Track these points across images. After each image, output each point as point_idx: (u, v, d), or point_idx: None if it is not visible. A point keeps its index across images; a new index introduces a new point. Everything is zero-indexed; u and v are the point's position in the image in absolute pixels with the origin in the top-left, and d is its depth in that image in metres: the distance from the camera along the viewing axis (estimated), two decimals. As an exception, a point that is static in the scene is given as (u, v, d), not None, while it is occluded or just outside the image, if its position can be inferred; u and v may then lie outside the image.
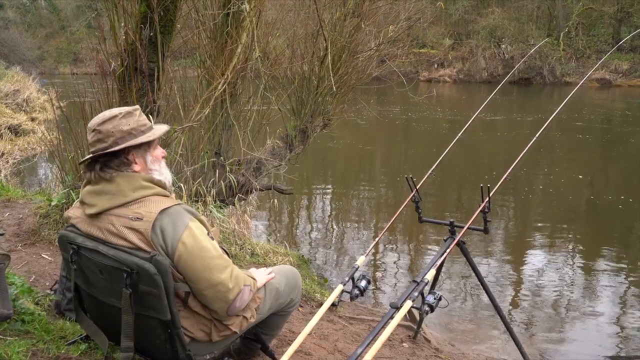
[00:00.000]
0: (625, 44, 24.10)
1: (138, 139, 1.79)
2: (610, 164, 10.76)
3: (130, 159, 1.79)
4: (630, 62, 25.59)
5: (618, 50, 23.69)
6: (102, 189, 1.76)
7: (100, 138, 1.75)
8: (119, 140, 1.75)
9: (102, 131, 1.75)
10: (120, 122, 1.76)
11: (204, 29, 4.52)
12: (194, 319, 1.82)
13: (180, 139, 4.21)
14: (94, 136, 1.76)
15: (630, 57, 25.67)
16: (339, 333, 3.26)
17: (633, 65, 25.50)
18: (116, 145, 1.75)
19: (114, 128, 1.75)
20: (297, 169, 6.23)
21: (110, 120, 1.76)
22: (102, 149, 1.75)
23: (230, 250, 4.05)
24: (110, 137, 1.75)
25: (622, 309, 4.74)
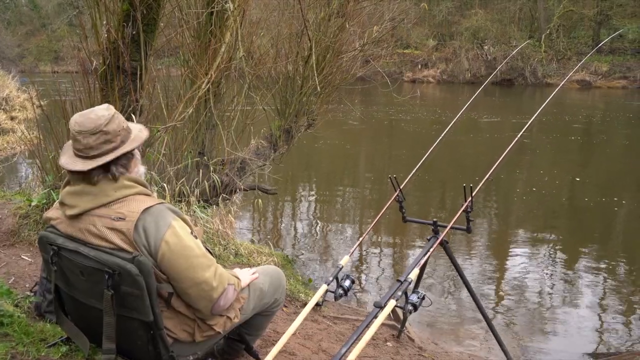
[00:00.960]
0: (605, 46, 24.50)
1: (142, 134, 1.80)
2: (591, 164, 10.93)
3: (134, 154, 1.79)
4: (609, 64, 26.03)
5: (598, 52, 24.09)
6: (82, 189, 1.73)
7: (108, 139, 1.70)
8: (124, 138, 1.74)
9: (110, 132, 1.71)
10: (120, 120, 1.76)
11: (188, 27, 4.49)
12: (177, 320, 1.80)
13: (164, 139, 4.18)
14: (99, 138, 1.69)
15: (610, 59, 26.11)
16: (323, 333, 3.26)
17: (612, 67, 25.94)
18: (123, 143, 1.74)
19: (118, 126, 1.73)
20: (281, 169, 6.22)
21: (113, 120, 1.72)
22: (112, 149, 1.71)
23: (214, 250, 4.03)
24: (118, 136, 1.73)
25: (602, 307, 4.82)
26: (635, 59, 25.87)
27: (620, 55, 26.19)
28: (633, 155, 11.67)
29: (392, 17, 6.43)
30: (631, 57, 25.99)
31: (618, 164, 10.99)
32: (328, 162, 11.35)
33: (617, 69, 25.83)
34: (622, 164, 11.02)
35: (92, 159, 1.70)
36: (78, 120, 1.71)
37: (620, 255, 6.02)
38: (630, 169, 10.51)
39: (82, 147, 1.70)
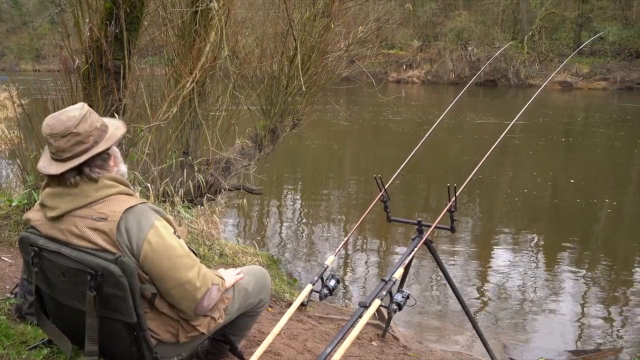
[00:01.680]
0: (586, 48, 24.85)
1: (114, 133, 1.77)
2: (572, 165, 11.09)
3: (110, 154, 1.76)
4: (590, 65, 26.43)
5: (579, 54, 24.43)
6: (63, 190, 1.70)
7: (80, 140, 1.68)
8: (97, 138, 1.71)
9: (81, 133, 1.67)
10: (92, 120, 1.72)
11: (172, 26, 4.46)
12: (160, 321, 1.79)
13: (147, 138, 4.14)
14: (70, 140, 1.67)
15: (590, 61, 26.51)
16: (309, 333, 3.26)
17: (593, 68, 26.34)
18: (96, 144, 1.70)
19: (90, 127, 1.70)
20: (266, 169, 6.21)
21: (84, 120, 1.69)
22: (84, 150, 1.68)
23: (198, 250, 4.01)
24: (90, 137, 1.69)
25: (582, 304, 4.90)
26: (615, 61, 26.31)
27: (600, 57, 26.61)
28: (614, 156, 11.87)
29: (377, 17, 6.45)
30: (611, 59, 26.43)
31: (599, 165, 11.18)
32: (314, 162, 11.35)
33: (597, 70, 26.24)
34: (603, 164, 11.20)
35: (65, 161, 1.68)
36: (49, 122, 1.69)
37: (600, 255, 6.12)
38: (610, 169, 10.69)
39: (55, 150, 1.68)
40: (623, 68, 25.92)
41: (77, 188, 1.70)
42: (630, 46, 26.21)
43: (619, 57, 26.35)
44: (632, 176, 10.30)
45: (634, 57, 26.04)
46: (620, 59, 26.25)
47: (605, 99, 23.47)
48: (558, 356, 3.83)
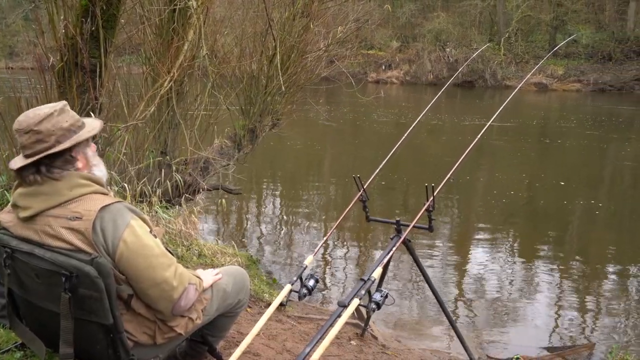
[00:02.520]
0: (560, 51, 25.32)
1: (80, 134, 1.73)
2: (548, 165, 11.29)
3: (74, 156, 1.72)
4: (564, 67, 26.94)
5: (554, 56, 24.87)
6: (36, 190, 1.67)
7: (40, 138, 1.65)
8: (60, 138, 1.68)
9: (42, 131, 1.65)
10: (59, 120, 1.69)
11: (149, 24, 4.41)
12: (137, 322, 1.77)
13: (124, 138, 4.09)
14: (30, 137, 1.65)
15: (565, 63, 27.03)
16: (288, 333, 3.26)
17: (567, 70, 26.86)
18: (59, 144, 1.67)
19: (54, 126, 1.67)
20: (246, 169, 6.18)
21: (48, 119, 1.67)
22: (44, 149, 1.65)
23: (176, 251, 3.97)
24: (52, 135, 1.66)
25: (558, 302, 5.00)
26: (589, 63, 26.88)
27: (574, 60, 27.16)
28: (588, 156, 12.12)
29: (357, 18, 6.48)
30: (585, 61, 26.99)
31: (574, 165, 11.41)
32: (293, 162, 11.34)
33: (571, 72, 26.76)
34: (577, 164, 11.44)
35: (26, 158, 1.67)
36: (19, 118, 1.69)
37: (574, 253, 6.25)
38: (585, 169, 10.93)
39: (20, 145, 1.68)
40: (596, 70, 26.50)
41: (50, 186, 1.67)
42: (603, 49, 26.81)
43: (592, 59, 26.93)
44: (606, 176, 10.55)
45: (607, 60, 26.64)
46: (593, 62, 26.83)
47: (579, 100, 23.97)
48: (533, 353, 3.90)
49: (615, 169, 11.25)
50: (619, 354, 3.48)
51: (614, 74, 26.18)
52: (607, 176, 10.63)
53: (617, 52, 26.49)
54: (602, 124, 16.31)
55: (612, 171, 11.06)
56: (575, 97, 24.74)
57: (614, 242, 6.75)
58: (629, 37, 26.65)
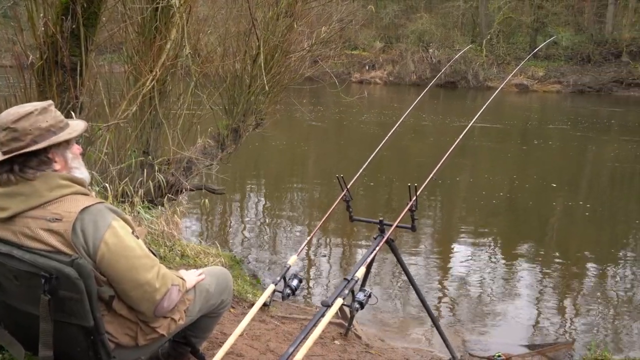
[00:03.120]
0: (541, 52, 25.67)
1: (59, 136, 1.69)
2: (529, 165, 11.45)
3: (51, 158, 1.68)
4: (545, 69, 27.32)
5: (534, 57, 25.21)
6: (14, 190, 1.64)
7: (15, 137, 1.62)
8: (37, 138, 1.65)
9: (18, 129, 1.62)
10: (38, 119, 1.66)
11: (131, 23, 4.36)
12: (118, 323, 1.75)
13: (106, 137, 4.04)
14: (7, 135, 1.62)
15: (545, 65, 27.41)
16: (271, 333, 3.25)
17: (548, 72, 27.24)
18: (35, 143, 1.64)
19: (32, 126, 1.64)
20: (229, 169, 6.15)
21: (27, 118, 1.64)
22: (19, 148, 1.62)
23: (159, 251, 3.94)
24: (28, 135, 1.63)
25: (538, 300, 5.07)
26: (568, 65, 27.30)
27: (554, 61, 27.55)
28: (567, 157, 12.32)
29: (340, 18, 6.49)
30: (565, 63, 27.40)
31: (554, 165, 11.57)
32: (277, 162, 11.32)
33: (552, 73, 27.15)
34: (557, 165, 11.61)
35: (3, 155, 1.64)
36: (2, 114, 1.66)
37: (554, 252, 6.34)
38: (565, 170, 11.09)
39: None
40: (575, 72, 26.93)
41: (29, 187, 1.64)
42: (582, 51, 27.24)
43: (571, 61, 27.35)
44: (585, 176, 10.73)
45: (586, 62, 27.08)
46: (572, 63, 27.26)
47: (559, 101, 24.33)
48: (515, 350, 3.95)
49: (594, 169, 11.44)
50: (597, 351, 3.54)
51: (593, 75, 26.64)
52: (587, 176, 10.81)
53: (596, 54, 26.95)
54: (582, 124, 16.58)
55: (591, 171, 11.25)
56: (555, 98, 25.11)
57: (593, 241, 6.87)
58: (607, 39, 27.13)
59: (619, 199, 9.20)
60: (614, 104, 22.77)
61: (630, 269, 5.90)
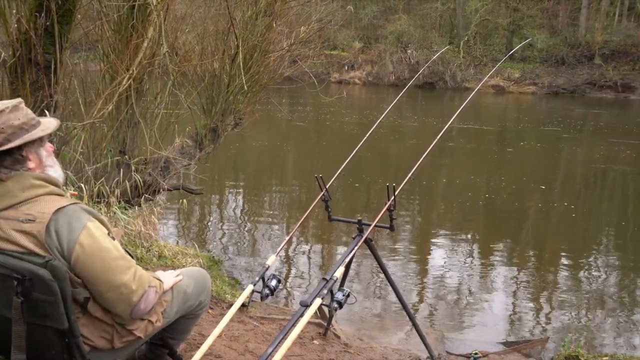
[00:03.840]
0: (517, 54, 26.09)
1: (32, 133, 1.65)
2: (505, 166, 11.62)
3: (25, 156, 1.64)
4: (521, 70, 27.80)
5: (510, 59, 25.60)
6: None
7: None
8: (10, 136, 1.61)
9: None
10: (10, 117, 1.62)
11: (107, 20, 4.30)
12: (94, 326, 1.72)
13: (81, 137, 3.98)
14: None
15: (521, 66, 27.88)
16: (250, 333, 3.24)
17: (523, 73, 27.72)
18: (8, 142, 1.60)
19: (4, 124, 1.60)
20: (208, 169, 6.11)
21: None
22: None
23: (135, 252, 3.89)
24: (1, 134, 1.60)
25: (513, 298, 5.15)
26: (543, 67, 27.82)
27: (530, 63, 28.04)
28: (542, 158, 12.54)
29: (319, 18, 6.49)
30: (540, 65, 27.91)
31: (530, 166, 11.78)
32: (255, 162, 11.28)
33: (527, 75, 27.63)
34: (533, 165, 11.81)
35: None
36: None
37: (530, 251, 6.46)
38: (540, 170, 11.29)
39: None
40: (550, 74, 27.45)
41: (2, 188, 1.60)
42: (557, 53, 27.78)
43: (546, 63, 27.87)
44: (559, 177, 10.93)
45: (560, 64, 27.62)
46: (547, 65, 27.78)
47: (534, 102, 24.76)
48: (491, 348, 4.01)
49: (569, 169, 11.67)
50: (570, 347, 3.62)
51: (567, 77, 27.19)
52: (561, 176, 11.02)
53: (570, 57, 27.51)
54: (557, 125, 16.90)
55: (566, 171, 11.47)
56: (530, 100, 25.55)
57: (568, 240, 7.02)
58: (581, 42, 27.73)
59: (593, 198, 9.41)
60: (587, 105, 23.28)
61: (603, 267, 6.04)
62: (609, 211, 8.69)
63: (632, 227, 7.65)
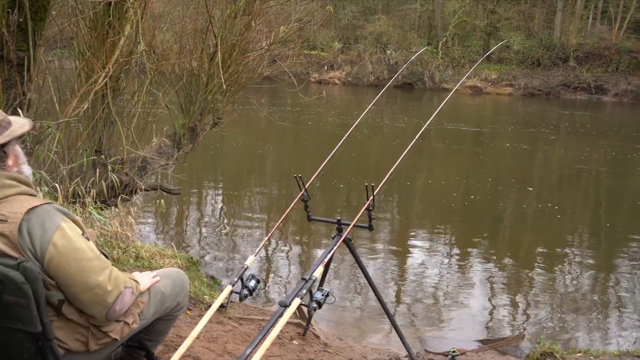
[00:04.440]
0: (494, 56, 26.49)
1: (13, 130, 1.63)
2: (482, 166, 11.77)
3: (7, 152, 1.63)
4: (498, 72, 28.20)
5: (488, 61, 25.96)
6: None
7: None
8: None
9: None
10: None
11: (83, 17, 4.22)
12: (68, 329, 1.69)
13: (55, 136, 3.90)
14: None
15: (498, 68, 28.29)
16: (229, 334, 3.22)
17: (500, 75, 28.12)
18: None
19: None
20: (186, 169, 6.05)
21: None
22: None
23: (112, 254, 3.83)
24: None
25: (491, 297, 5.22)
26: (520, 69, 28.27)
27: (507, 65, 28.47)
28: (519, 158, 12.74)
29: (299, 18, 6.48)
30: (516, 67, 28.36)
31: (505, 166, 11.95)
32: (234, 162, 11.21)
33: (504, 76, 28.04)
34: (510, 166, 11.99)
35: None
36: None
37: (506, 250, 6.55)
38: (517, 170, 11.47)
39: None
40: (526, 75, 27.90)
41: None
42: (533, 55, 28.25)
43: (522, 65, 28.33)
44: (535, 177, 11.12)
45: (536, 66, 28.11)
46: (523, 67, 28.23)
47: (511, 103, 25.13)
48: (469, 346, 4.05)
49: (544, 169, 11.88)
50: (546, 344, 3.68)
51: (542, 79, 27.67)
52: (537, 176, 11.21)
53: (545, 59, 28.01)
54: (533, 126, 17.19)
55: (541, 172, 11.68)
56: (507, 101, 25.93)
57: (543, 239, 7.13)
58: (556, 44, 28.24)
59: (567, 198, 9.58)
60: (562, 107, 23.73)
61: (577, 266, 6.16)
62: (583, 211, 8.87)
63: (605, 226, 7.82)
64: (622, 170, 11.62)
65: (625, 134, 17.17)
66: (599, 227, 7.77)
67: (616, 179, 10.92)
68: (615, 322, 4.79)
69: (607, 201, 9.40)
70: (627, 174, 11.39)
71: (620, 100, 26.17)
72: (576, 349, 3.82)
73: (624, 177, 11.11)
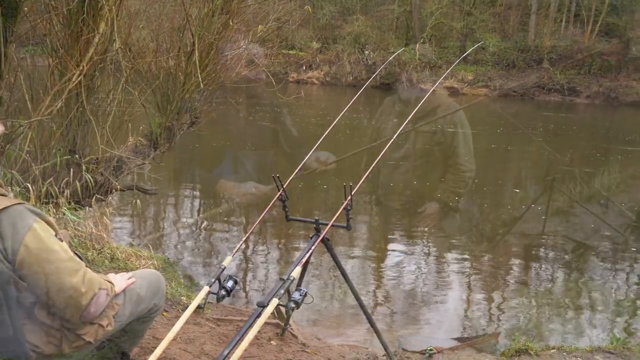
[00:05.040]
0: (470, 57, 26.81)
1: None
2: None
3: None
4: (474, 73, 28.56)
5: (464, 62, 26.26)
6: None
7: None
8: None
9: None
10: None
11: (56, 14, 4.13)
12: (41, 332, 1.65)
13: (28, 135, 3.81)
14: None
15: (474, 69, 28.66)
16: (206, 336, 3.19)
17: (476, 76, 28.49)
18: None
19: None
20: (163, 169, 5.98)
21: None
22: None
23: (86, 255, 3.76)
24: None
25: (467, 296, 5.29)
26: (495, 70, 28.69)
27: (483, 66, 28.86)
28: (495, 157, 12.92)
29: (277, 17, 6.46)
30: (492, 68, 28.77)
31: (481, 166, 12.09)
32: (212, 161, 11.12)
33: (480, 78, 28.41)
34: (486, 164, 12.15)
35: None
36: None
37: (482, 250, 6.65)
38: (489, 169, 11.63)
39: None
40: (502, 77, 28.33)
41: None
42: (508, 57, 28.70)
43: (498, 66, 28.75)
44: (508, 176, 11.30)
45: (511, 67, 28.57)
46: (499, 68, 28.66)
47: (487, 104, 25.48)
48: (445, 344, 4.10)
49: (519, 170, 12.08)
50: (521, 340, 3.74)
51: (517, 80, 28.13)
52: (510, 177, 11.39)
53: (520, 61, 28.48)
54: (509, 127, 17.46)
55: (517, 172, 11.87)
56: (483, 101, 26.28)
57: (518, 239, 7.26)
58: (530, 46, 28.75)
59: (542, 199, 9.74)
60: (536, 107, 24.18)
61: (551, 265, 6.28)
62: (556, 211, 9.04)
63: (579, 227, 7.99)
64: (594, 171, 11.89)
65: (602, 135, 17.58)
66: (573, 227, 7.93)
67: (590, 179, 11.17)
68: (587, 320, 4.90)
69: (580, 202, 9.60)
70: (599, 175, 11.66)
71: (592, 102, 26.77)
72: (550, 346, 3.89)
73: (596, 177, 11.37)
